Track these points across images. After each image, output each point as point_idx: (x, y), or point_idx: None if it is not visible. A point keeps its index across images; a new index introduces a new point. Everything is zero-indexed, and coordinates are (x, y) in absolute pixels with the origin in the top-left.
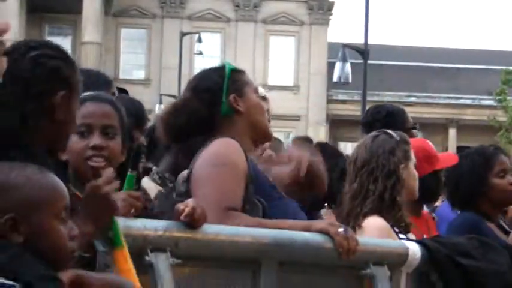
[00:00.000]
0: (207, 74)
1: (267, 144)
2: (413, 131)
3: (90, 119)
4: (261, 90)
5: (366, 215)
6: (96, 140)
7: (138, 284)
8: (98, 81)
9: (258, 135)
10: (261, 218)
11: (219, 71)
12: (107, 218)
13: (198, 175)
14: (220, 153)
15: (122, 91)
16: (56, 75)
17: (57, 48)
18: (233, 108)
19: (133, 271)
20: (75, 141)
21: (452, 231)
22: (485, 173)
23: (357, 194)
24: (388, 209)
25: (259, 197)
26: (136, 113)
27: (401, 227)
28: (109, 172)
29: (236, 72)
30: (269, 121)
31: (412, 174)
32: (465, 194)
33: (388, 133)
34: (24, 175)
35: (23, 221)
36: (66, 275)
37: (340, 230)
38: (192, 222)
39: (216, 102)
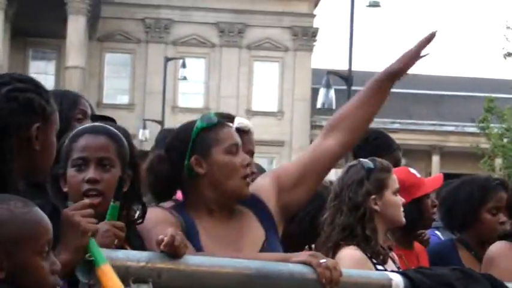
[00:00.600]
0: (178, 132)
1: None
2: (398, 151)
3: (86, 152)
4: (244, 123)
5: (338, 246)
6: (91, 173)
7: None
8: (64, 100)
9: (225, 196)
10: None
11: (189, 129)
12: (81, 243)
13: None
14: (150, 219)
15: (109, 119)
16: (29, 107)
17: (29, 81)
18: (194, 170)
19: (121, 286)
20: (72, 175)
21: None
22: (479, 206)
23: (327, 226)
24: (362, 241)
25: None
26: None
27: (379, 258)
28: (81, 203)
29: (206, 131)
30: (252, 154)
31: (389, 202)
32: (456, 220)
33: (361, 162)
34: (8, 209)
35: (5, 257)
36: None
37: (323, 260)
38: (173, 251)
39: (181, 163)
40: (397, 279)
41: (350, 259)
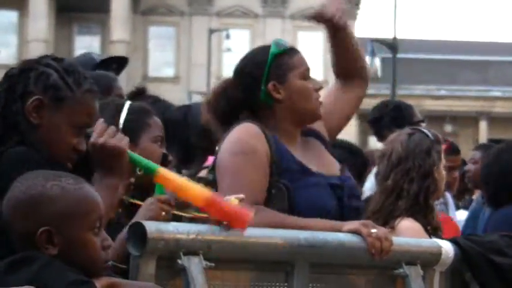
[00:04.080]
0: (251, 56)
1: None
2: (422, 124)
3: (162, 131)
4: None
5: (398, 216)
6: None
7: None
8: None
9: (303, 119)
10: (285, 203)
11: (263, 53)
12: (121, 163)
13: (221, 165)
14: (239, 140)
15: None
16: (41, 80)
17: (67, 64)
18: (272, 96)
19: (186, 183)
20: (154, 149)
21: (491, 226)
22: None
23: (390, 193)
24: (421, 211)
25: (284, 181)
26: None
27: (430, 229)
28: (99, 123)
29: (280, 56)
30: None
31: (442, 176)
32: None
33: (424, 132)
34: (59, 187)
35: (57, 234)
36: (100, 282)
37: (374, 230)
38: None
39: (255, 89)
40: (447, 246)
41: (409, 230)
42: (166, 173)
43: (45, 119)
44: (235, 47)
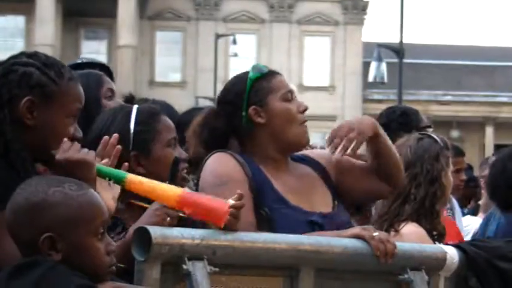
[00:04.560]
0: (230, 85)
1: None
2: (429, 129)
3: (174, 133)
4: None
5: (403, 220)
6: (183, 153)
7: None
8: (90, 81)
9: (286, 144)
10: (267, 230)
11: (242, 81)
12: (89, 175)
13: None
14: (214, 172)
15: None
16: (25, 81)
17: (38, 57)
18: (253, 121)
19: (156, 185)
20: (170, 154)
21: (502, 229)
22: None
23: (397, 197)
24: (426, 216)
25: (265, 208)
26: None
27: (434, 235)
28: (64, 141)
29: (260, 80)
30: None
31: (449, 182)
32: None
33: (432, 137)
34: (62, 192)
35: (60, 239)
36: (105, 287)
37: (375, 234)
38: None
39: (237, 115)
40: (452, 252)
41: (413, 236)
42: (134, 178)
43: (38, 118)
44: (242, 52)
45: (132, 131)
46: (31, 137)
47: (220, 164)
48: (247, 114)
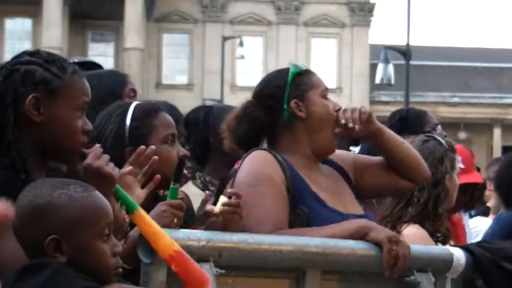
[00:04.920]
0: (270, 79)
1: None
2: (438, 127)
3: (173, 129)
4: None
5: (406, 221)
6: (182, 149)
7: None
8: (114, 80)
9: (319, 142)
10: (306, 227)
11: (282, 75)
12: (108, 190)
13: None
14: (253, 170)
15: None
16: (28, 79)
17: (39, 54)
18: (294, 114)
19: (159, 230)
20: (169, 151)
21: (498, 228)
22: None
23: (401, 199)
24: (429, 218)
25: (302, 207)
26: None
27: (438, 236)
28: (96, 148)
29: (301, 76)
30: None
31: (454, 184)
32: None
33: (437, 139)
34: (67, 195)
35: (65, 242)
36: None
37: (395, 248)
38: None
39: (277, 108)
40: (458, 253)
41: (415, 237)
42: (143, 217)
43: (45, 114)
44: (249, 54)
45: (127, 126)
46: (40, 134)
47: (258, 162)
48: (289, 108)
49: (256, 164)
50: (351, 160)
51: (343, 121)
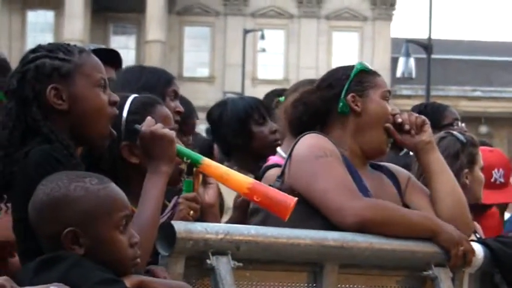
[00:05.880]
0: (334, 71)
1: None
2: (458, 123)
3: (170, 124)
4: None
5: None
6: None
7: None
8: (161, 78)
9: (369, 142)
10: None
11: (347, 69)
12: (171, 152)
13: (305, 171)
14: (317, 145)
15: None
16: (40, 73)
17: (41, 48)
18: (350, 107)
19: (229, 170)
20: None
21: None
22: None
23: None
24: None
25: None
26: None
27: None
28: (149, 119)
29: (366, 73)
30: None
31: (477, 178)
32: None
33: (454, 135)
34: (83, 187)
35: (83, 234)
36: (129, 281)
37: (461, 248)
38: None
39: (334, 98)
40: (477, 248)
41: None
42: (209, 162)
43: (68, 99)
44: (270, 47)
45: (123, 120)
46: (72, 120)
47: (319, 139)
48: (346, 101)
49: (317, 141)
50: (407, 176)
51: (399, 120)
